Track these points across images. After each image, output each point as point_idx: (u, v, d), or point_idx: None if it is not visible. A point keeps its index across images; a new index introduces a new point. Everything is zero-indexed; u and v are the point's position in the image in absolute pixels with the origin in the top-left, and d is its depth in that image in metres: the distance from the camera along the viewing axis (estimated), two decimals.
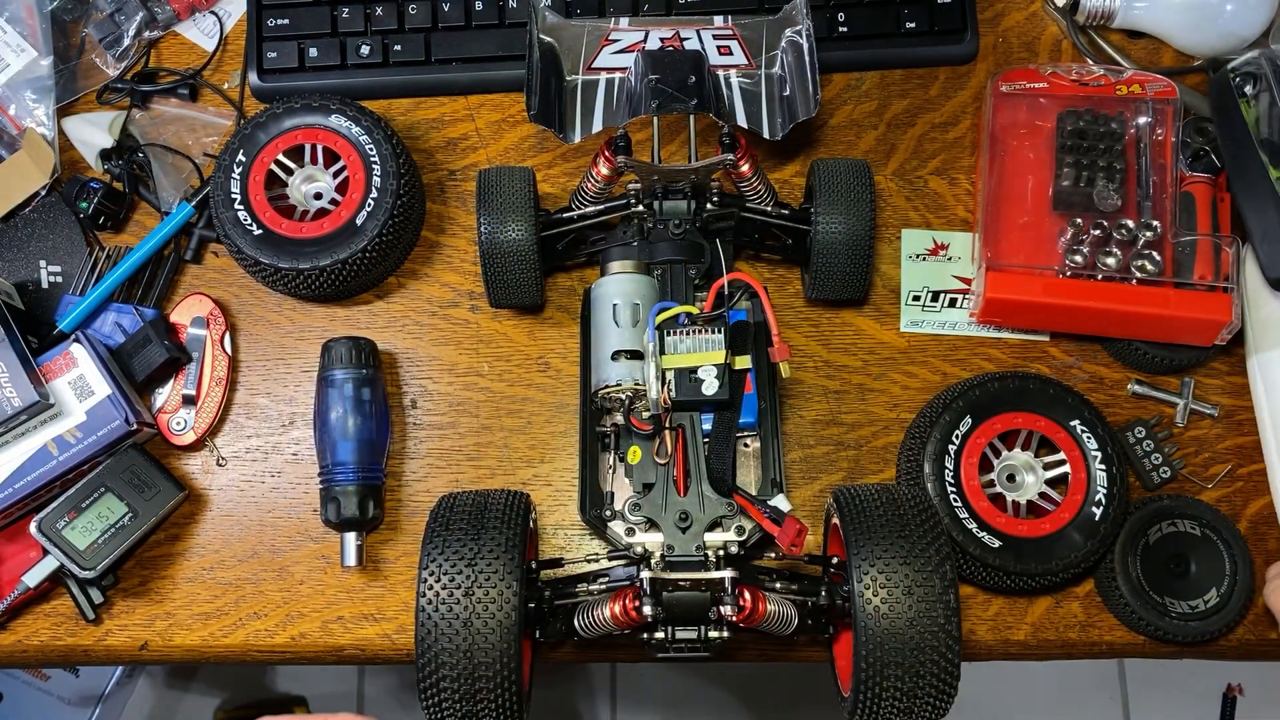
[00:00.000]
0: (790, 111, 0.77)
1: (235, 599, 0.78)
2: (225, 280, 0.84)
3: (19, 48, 0.86)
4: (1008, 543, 0.73)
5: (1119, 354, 0.80)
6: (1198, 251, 0.77)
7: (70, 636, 0.78)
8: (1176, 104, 0.80)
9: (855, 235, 0.75)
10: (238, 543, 0.79)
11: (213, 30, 0.89)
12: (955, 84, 0.87)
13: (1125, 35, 0.88)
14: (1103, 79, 0.81)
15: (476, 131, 0.87)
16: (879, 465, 0.80)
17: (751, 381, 0.74)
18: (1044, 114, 0.81)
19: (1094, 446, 0.75)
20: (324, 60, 0.86)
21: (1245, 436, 0.80)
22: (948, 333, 0.82)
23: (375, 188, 0.79)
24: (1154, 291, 0.76)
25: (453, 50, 0.86)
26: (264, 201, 0.79)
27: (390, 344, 0.82)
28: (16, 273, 0.82)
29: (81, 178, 0.83)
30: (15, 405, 0.73)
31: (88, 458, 0.75)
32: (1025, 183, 0.80)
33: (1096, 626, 0.77)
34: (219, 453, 0.81)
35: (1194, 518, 0.76)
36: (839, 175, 0.76)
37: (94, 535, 0.74)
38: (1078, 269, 0.77)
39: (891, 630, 0.61)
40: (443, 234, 0.85)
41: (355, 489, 0.76)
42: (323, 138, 0.80)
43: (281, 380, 0.82)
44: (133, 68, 0.88)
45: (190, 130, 0.86)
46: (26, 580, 0.75)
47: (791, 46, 0.79)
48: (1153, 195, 0.78)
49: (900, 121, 0.86)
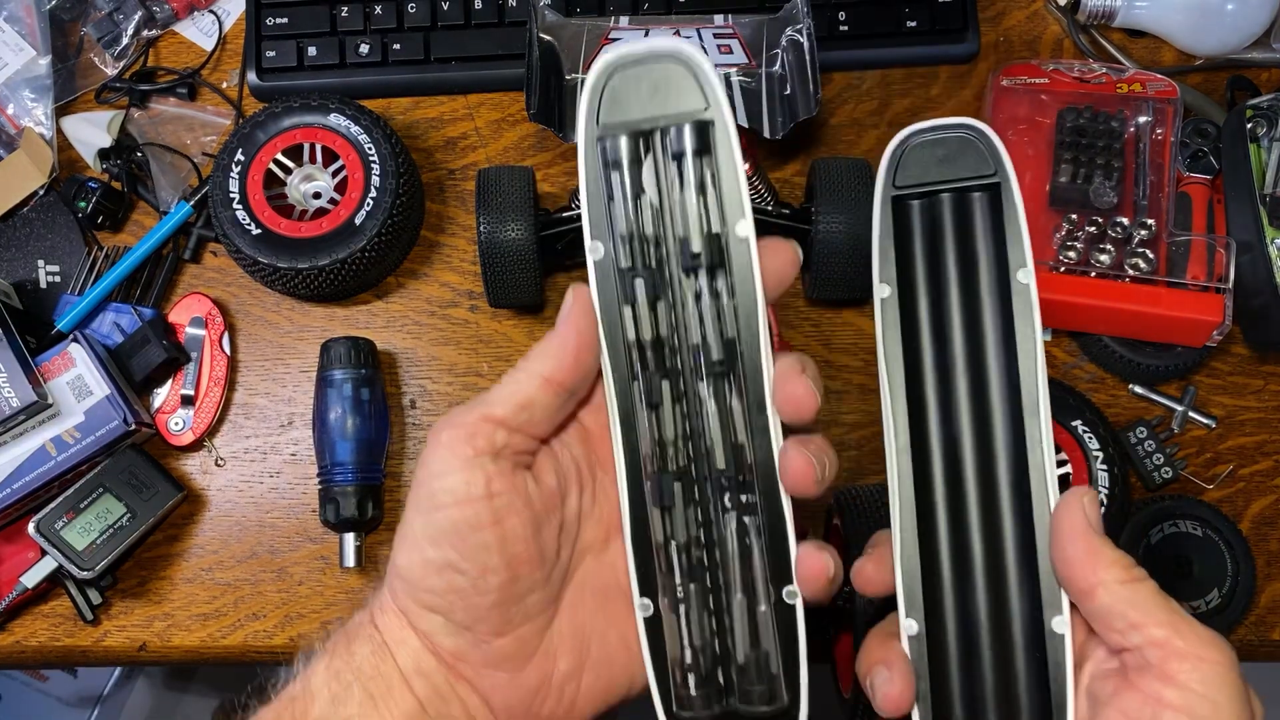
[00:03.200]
0: (791, 110, 0.77)
1: (234, 600, 0.78)
2: (224, 280, 0.84)
3: (17, 47, 0.86)
4: None
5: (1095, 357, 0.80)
6: (1192, 252, 0.77)
7: (68, 637, 0.78)
8: (1177, 104, 0.80)
9: (856, 235, 0.75)
10: (236, 543, 0.79)
11: (211, 29, 0.89)
12: (956, 83, 0.87)
13: (1126, 34, 0.87)
14: (1104, 77, 0.81)
15: (476, 131, 0.86)
16: (880, 466, 0.79)
17: None
18: (1044, 110, 0.81)
19: (1095, 447, 0.75)
20: (323, 59, 0.85)
21: (1247, 437, 0.79)
22: None
23: (374, 187, 0.78)
24: (1146, 290, 0.76)
25: (452, 49, 0.86)
26: (263, 201, 0.79)
27: (389, 344, 0.82)
28: (15, 272, 0.82)
29: (80, 177, 0.83)
30: (13, 405, 0.72)
31: (86, 458, 0.75)
32: (1022, 178, 0.79)
33: None
34: (217, 453, 0.81)
35: (1196, 518, 0.76)
36: (840, 175, 0.76)
37: (92, 536, 0.74)
38: (1071, 265, 0.77)
39: None
40: (442, 233, 0.84)
41: (354, 489, 0.76)
42: (321, 137, 0.80)
43: (280, 380, 0.82)
44: (131, 67, 0.88)
45: (189, 129, 0.86)
46: (25, 581, 0.75)
47: (792, 45, 0.79)
48: (1149, 194, 0.78)
49: (901, 121, 0.86)
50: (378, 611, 0.47)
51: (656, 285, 0.45)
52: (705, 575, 0.46)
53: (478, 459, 0.44)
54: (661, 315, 0.45)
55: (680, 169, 0.44)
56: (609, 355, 0.45)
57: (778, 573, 0.45)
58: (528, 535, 0.45)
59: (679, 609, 0.46)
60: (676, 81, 0.44)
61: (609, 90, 0.44)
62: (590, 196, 0.45)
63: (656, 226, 0.45)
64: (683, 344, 0.45)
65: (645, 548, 0.46)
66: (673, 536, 0.46)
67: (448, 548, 0.44)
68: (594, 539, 0.49)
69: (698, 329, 0.45)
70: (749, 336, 0.44)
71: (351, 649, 0.47)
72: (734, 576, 0.46)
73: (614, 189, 0.44)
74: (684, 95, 0.44)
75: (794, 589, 0.45)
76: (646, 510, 0.46)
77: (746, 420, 0.45)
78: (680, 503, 0.45)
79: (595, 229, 0.45)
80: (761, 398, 0.45)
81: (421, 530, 0.45)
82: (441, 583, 0.45)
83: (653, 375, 0.45)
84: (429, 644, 0.46)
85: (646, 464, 0.45)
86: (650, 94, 0.44)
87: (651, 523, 0.46)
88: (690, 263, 0.44)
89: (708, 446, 0.45)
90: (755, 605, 0.45)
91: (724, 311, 0.45)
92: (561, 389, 0.45)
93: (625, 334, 0.45)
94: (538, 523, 0.46)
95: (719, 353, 0.45)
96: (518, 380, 0.45)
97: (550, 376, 0.45)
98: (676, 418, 0.45)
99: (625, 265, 0.45)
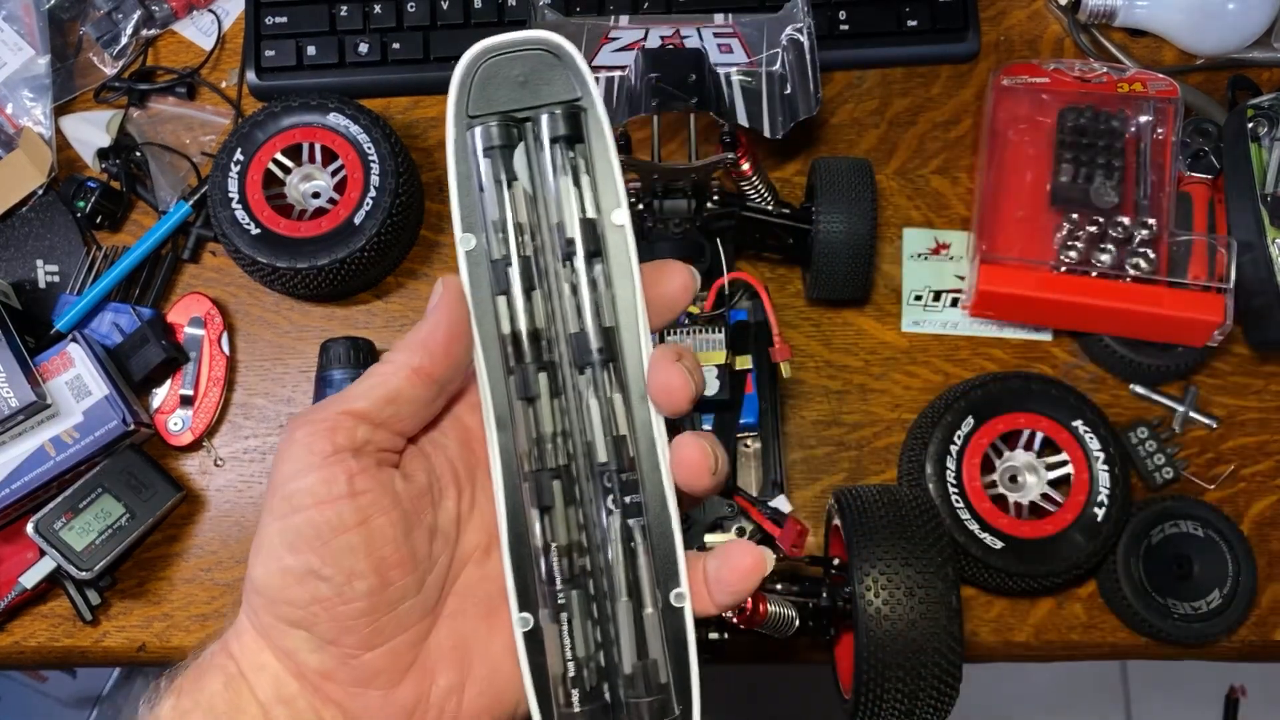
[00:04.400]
0: (791, 110, 0.76)
1: (233, 600, 0.78)
2: (223, 280, 0.84)
3: (16, 46, 0.85)
4: (1009, 544, 0.73)
5: (1096, 357, 0.80)
6: (1193, 252, 0.77)
7: (67, 638, 0.78)
8: (1178, 103, 0.79)
9: (856, 234, 0.75)
10: (235, 543, 0.79)
11: (210, 29, 0.89)
12: (957, 82, 0.86)
13: (1127, 34, 0.87)
14: (1105, 76, 0.81)
15: None
16: (880, 466, 0.79)
17: (752, 382, 0.74)
18: (1045, 109, 0.80)
19: (1096, 447, 0.74)
20: (322, 59, 0.85)
21: (1248, 437, 0.79)
22: (949, 332, 0.82)
23: (374, 186, 0.78)
24: (1147, 290, 0.76)
25: (452, 48, 0.85)
26: (262, 200, 0.79)
27: (389, 344, 0.82)
28: (14, 272, 0.82)
29: (79, 177, 0.83)
30: (12, 405, 0.72)
31: (85, 458, 0.75)
32: (1023, 177, 0.79)
33: (1099, 628, 0.76)
34: (216, 453, 0.81)
35: (1197, 519, 0.75)
36: (840, 174, 0.76)
37: (91, 536, 0.74)
38: (1072, 265, 0.76)
39: (893, 632, 0.60)
40: (442, 233, 0.84)
41: None
42: (321, 136, 0.80)
43: (279, 380, 0.82)
44: (130, 66, 0.88)
45: (188, 129, 0.86)
46: (24, 581, 0.75)
47: (792, 44, 0.79)
48: (1150, 194, 0.78)
49: (902, 120, 0.86)
50: (233, 638, 0.43)
51: (531, 275, 0.43)
52: (588, 581, 0.43)
53: (337, 456, 0.41)
54: (538, 306, 0.43)
55: (553, 156, 0.43)
56: (482, 348, 0.43)
57: (665, 575, 0.43)
58: (397, 536, 0.41)
59: (560, 618, 0.43)
60: (547, 71, 0.43)
61: (478, 80, 0.43)
62: (460, 186, 0.43)
63: (530, 215, 0.43)
64: (560, 335, 0.43)
65: (524, 556, 0.43)
66: (553, 540, 0.43)
67: (308, 553, 0.40)
68: (474, 545, 0.45)
69: (575, 319, 0.43)
70: (628, 324, 0.43)
71: (201, 684, 0.42)
72: (618, 581, 0.43)
73: (484, 177, 0.43)
74: (555, 84, 0.43)
75: (682, 590, 0.43)
76: (524, 513, 0.43)
77: (628, 412, 0.43)
78: (560, 503, 0.43)
79: (466, 220, 0.43)
80: (643, 389, 0.43)
81: (279, 537, 0.41)
82: (304, 593, 0.41)
83: (529, 367, 0.43)
84: (292, 665, 0.42)
85: (524, 462, 0.43)
86: (520, 84, 0.43)
87: (530, 526, 0.43)
88: (566, 249, 0.42)
89: (588, 441, 0.43)
90: (641, 610, 0.43)
91: (601, 301, 0.43)
92: (431, 381, 0.43)
93: (500, 326, 0.43)
94: (408, 523, 0.42)
95: (598, 341, 0.43)
96: (382, 373, 0.42)
97: (419, 367, 0.42)
98: (555, 412, 0.43)
99: (498, 255, 0.43)
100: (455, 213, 0.43)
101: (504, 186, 0.43)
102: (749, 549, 0.43)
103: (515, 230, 0.43)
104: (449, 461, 0.45)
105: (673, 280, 0.44)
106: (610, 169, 0.43)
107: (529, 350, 0.43)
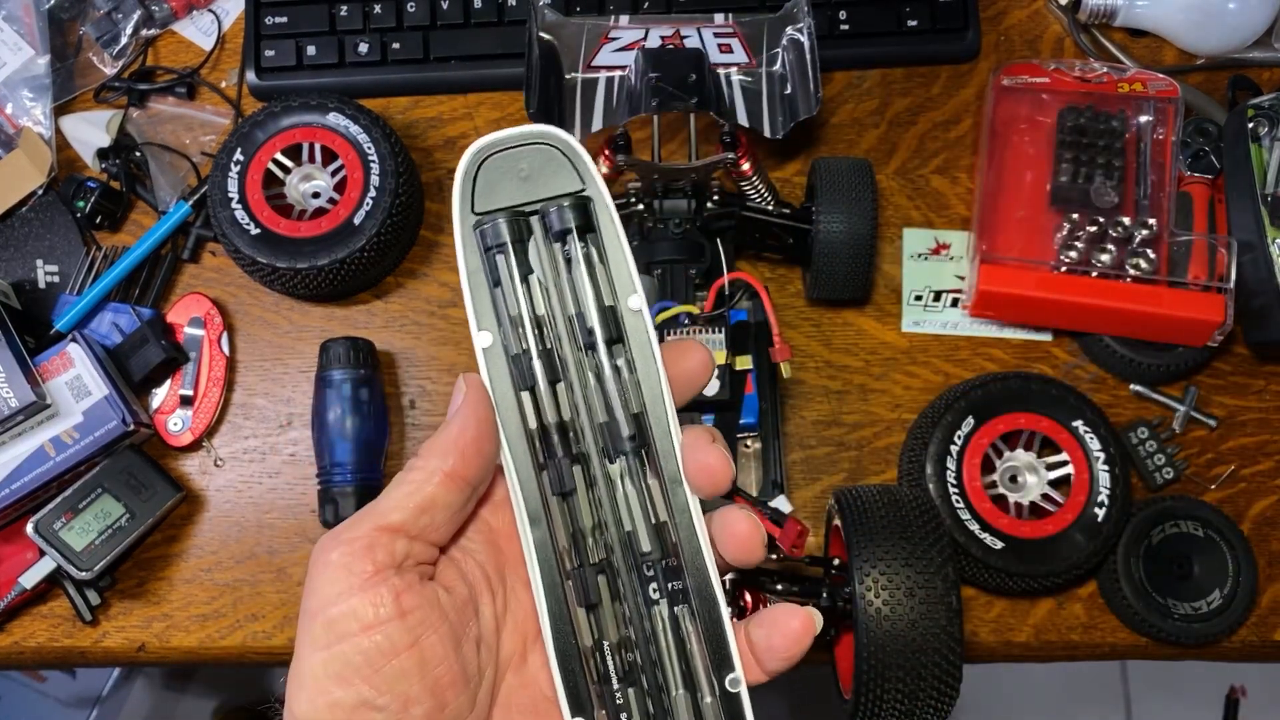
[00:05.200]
0: (791, 110, 0.76)
1: (233, 600, 0.78)
2: (223, 280, 0.84)
3: (16, 46, 0.85)
4: (1010, 544, 0.73)
5: (1096, 357, 0.80)
6: (1193, 252, 0.77)
7: (67, 638, 0.78)
8: (1178, 103, 0.79)
9: (857, 234, 0.75)
10: (235, 544, 0.79)
11: (210, 28, 0.89)
12: (957, 82, 0.86)
13: (1127, 34, 0.87)
14: (1105, 76, 0.81)
15: (475, 130, 0.86)
16: (881, 466, 0.79)
17: (752, 382, 0.74)
18: (1045, 109, 0.80)
19: (1097, 447, 0.74)
20: (322, 58, 0.85)
21: (1249, 438, 0.79)
22: (949, 333, 0.81)
23: (373, 186, 0.78)
24: (1147, 290, 0.76)
25: (451, 48, 0.85)
26: (262, 200, 0.79)
27: (388, 344, 0.82)
28: (13, 272, 0.82)
29: (78, 177, 0.83)
30: (12, 406, 0.72)
31: (85, 458, 0.75)
32: (1023, 177, 0.79)
33: (1099, 628, 0.76)
34: (216, 453, 0.81)
35: (1197, 519, 0.75)
36: (840, 174, 0.76)
37: (91, 536, 0.74)
38: (1072, 264, 0.76)
39: (893, 632, 0.60)
40: (441, 233, 0.84)
41: (353, 490, 0.75)
42: (321, 136, 0.80)
43: (279, 380, 0.82)
44: (130, 66, 0.88)
45: (188, 129, 0.86)
46: (23, 581, 0.75)
47: (793, 44, 0.79)
48: (1150, 194, 0.78)
49: (902, 120, 0.86)
50: None
51: (555, 367, 0.42)
52: (641, 677, 0.42)
53: (380, 575, 0.39)
54: (563, 398, 0.42)
55: (566, 248, 0.43)
56: (509, 447, 0.42)
57: (717, 659, 0.42)
58: (449, 654, 0.40)
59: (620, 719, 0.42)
60: (548, 164, 0.43)
61: (481, 178, 0.43)
62: (473, 285, 0.42)
63: (547, 307, 0.43)
64: (586, 426, 0.43)
65: (570, 657, 0.42)
66: (604, 637, 0.42)
67: (360, 683, 0.38)
68: (512, 651, 0.43)
69: (601, 408, 0.42)
70: (655, 409, 0.42)
71: None
72: (671, 672, 0.42)
73: (500, 273, 0.42)
74: (559, 177, 0.43)
75: (737, 675, 0.42)
76: (568, 613, 0.42)
77: (665, 497, 0.42)
78: (606, 598, 0.42)
79: (481, 318, 0.42)
80: (676, 472, 0.42)
81: (323, 668, 0.38)
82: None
83: (562, 461, 0.42)
84: None
85: (564, 559, 0.42)
86: (524, 178, 0.43)
87: (577, 626, 0.42)
88: (587, 339, 0.42)
89: (629, 531, 0.42)
90: (700, 699, 0.42)
91: (627, 386, 0.42)
92: (465, 484, 0.41)
93: (526, 421, 0.42)
94: (456, 638, 0.40)
95: (629, 428, 0.42)
96: (413, 480, 0.40)
97: (452, 471, 0.40)
98: (591, 505, 0.42)
99: (518, 350, 0.42)
100: (470, 311, 0.43)
101: (520, 280, 0.43)
102: (794, 611, 0.42)
103: (534, 324, 0.43)
104: (479, 566, 0.43)
105: (691, 358, 0.43)
106: (623, 257, 0.43)
107: (559, 444, 0.42)
